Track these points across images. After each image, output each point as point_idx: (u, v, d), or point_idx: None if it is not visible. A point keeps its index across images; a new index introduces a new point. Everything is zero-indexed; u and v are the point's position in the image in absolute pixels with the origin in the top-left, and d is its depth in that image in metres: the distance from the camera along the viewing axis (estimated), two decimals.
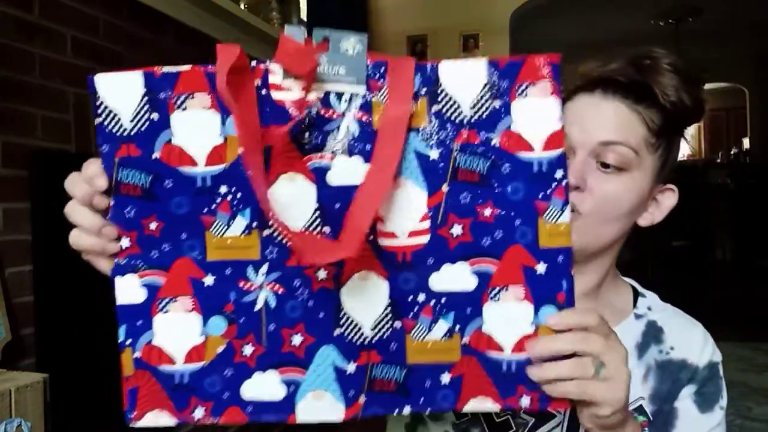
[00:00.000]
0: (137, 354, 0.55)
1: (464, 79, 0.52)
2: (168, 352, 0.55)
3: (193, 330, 0.54)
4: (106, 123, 0.54)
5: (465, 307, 0.53)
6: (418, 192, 0.53)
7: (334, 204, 0.52)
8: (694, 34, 6.13)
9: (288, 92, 0.52)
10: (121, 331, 0.55)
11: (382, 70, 0.52)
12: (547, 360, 0.52)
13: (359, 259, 0.52)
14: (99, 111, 0.54)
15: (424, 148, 0.52)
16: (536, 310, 0.53)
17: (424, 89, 0.52)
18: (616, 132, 0.69)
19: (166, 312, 0.54)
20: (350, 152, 0.52)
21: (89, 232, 0.54)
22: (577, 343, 0.52)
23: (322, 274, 0.53)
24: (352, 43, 0.51)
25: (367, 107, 0.52)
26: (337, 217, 0.52)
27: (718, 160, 8.09)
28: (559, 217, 0.52)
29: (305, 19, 3.71)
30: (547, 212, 0.52)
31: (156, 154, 0.53)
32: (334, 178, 0.52)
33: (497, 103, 0.52)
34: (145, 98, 0.53)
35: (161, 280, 0.54)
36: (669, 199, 0.75)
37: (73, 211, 0.55)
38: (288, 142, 0.52)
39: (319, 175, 0.52)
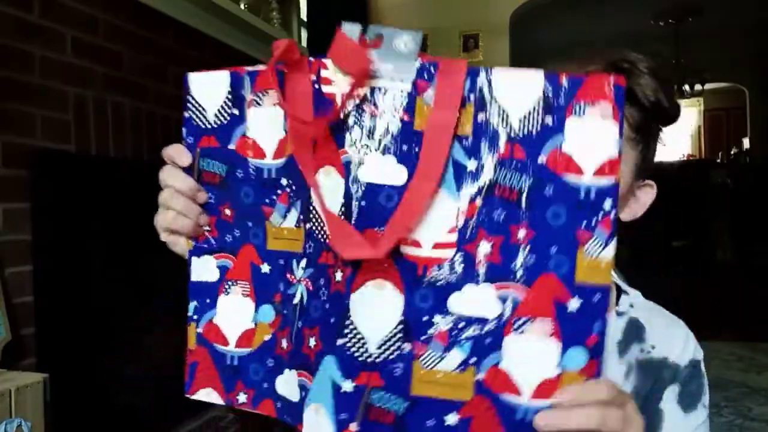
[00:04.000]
0: (200, 329, 0.58)
1: (517, 89, 0.48)
2: (224, 333, 0.58)
3: (246, 315, 0.57)
4: (193, 117, 0.58)
5: (484, 337, 0.47)
6: (450, 202, 0.49)
7: (360, 201, 0.50)
8: (694, 34, 6.13)
9: (337, 86, 0.52)
10: (191, 307, 0.59)
11: (432, 71, 0.49)
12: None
13: (377, 265, 0.49)
14: (188, 105, 0.58)
15: (462, 156, 0.49)
16: (563, 351, 0.46)
17: (472, 95, 0.49)
18: None
19: (228, 294, 0.58)
20: (385, 151, 0.50)
21: (186, 216, 0.58)
22: (595, 420, 0.46)
23: (338, 275, 0.51)
24: (404, 41, 0.50)
25: (410, 107, 0.50)
26: (360, 214, 0.50)
27: (718, 160, 8.10)
28: (601, 251, 0.46)
29: (305, 19, 3.71)
30: (589, 244, 0.46)
31: (232, 146, 0.57)
32: (364, 175, 0.50)
33: (549, 119, 0.47)
34: (229, 95, 0.56)
35: (230, 263, 0.58)
36: (648, 194, 0.76)
37: (173, 197, 0.58)
38: (328, 134, 0.51)
39: (349, 170, 0.51)
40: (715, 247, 5.89)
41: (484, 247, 0.48)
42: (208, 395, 0.58)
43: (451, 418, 0.48)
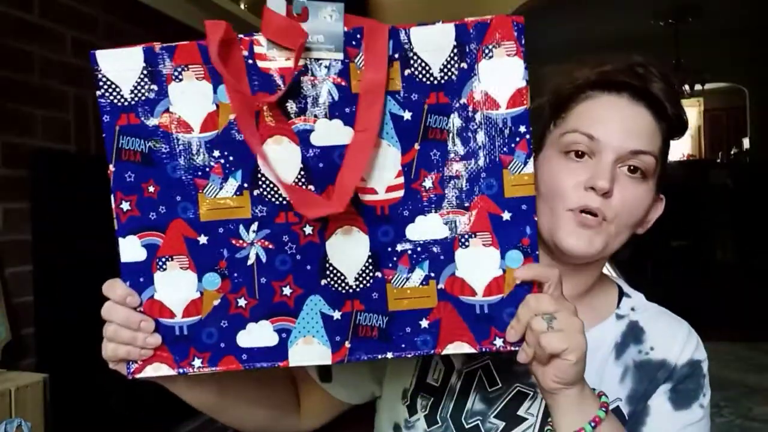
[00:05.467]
0: (140, 309, 0.59)
1: (434, 43, 0.56)
2: (168, 306, 0.59)
3: (189, 286, 0.59)
4: (107, 95, 0.58)
5: (439, 255, 0.58)
6: (393, 151, 0.57)
7: (317, 163, 0.57)
8: (694, 34, 6.13)
9: (272, 62, 0.56)
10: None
11: (358, 37, 0.56)
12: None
13: (343, 214, 0.56)
14: (100, 84, 0.58)
15: (398, 109, 0.57)
16: (503, 254, 0.58)
17: (397, 54, 0.56)
18: (647, 141, 0.69)
19: (164, 270, 0.59)
20: (331, 115, 0.56)
21: (133, 345, 0.58)
22: (528, 307, 0.56)
23: (308, 229, 0.58)
24: (329, 12, 0.55)
25: (345, 73, 0.56)
26: (320, 175, 0.57)
27: (718, 160, 8.09)
28: (522, 168, 0.57)
29: None
30: (512, 164, 0.57)
31: (155, 122, 0.57)
32: (317, 140, 0.56)
33: (465, 65, 0.56)
34: (145, 71, 0.57)
35: (159, 241, 0.59)
36: (658, 209, 0.75)
37: (116, 331, 0.58)
38: (275, 107, 0.56)
39: (303, 137, 0.57)
40: (715, 247, 5.89)
41: (427, 183, 0.58)
42: (156, 369, 0.59)
43: (424, 323, 0.59)
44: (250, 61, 0.56)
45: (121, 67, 0.57)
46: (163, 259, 0.59)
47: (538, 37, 5.72)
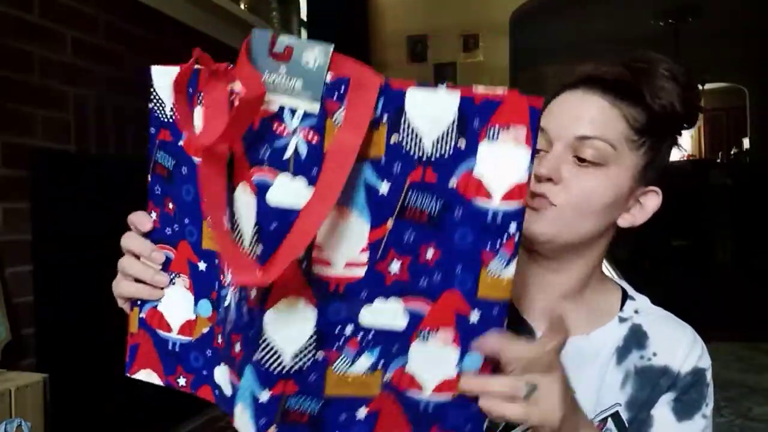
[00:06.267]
0: (142, 315, 0.60)
1: (431, 111, 0.48)
2: (167, 319, 0.60)
3: (188, 306, 0.59)
4: (155, 108, 0.59)
5: (392, 344, 0.51)
6: (361, 223, 0.50)
7: (270, 223, 0.49)
8: (694, 34, 6.13)
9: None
10: None
11: (342, 90, 0.48)
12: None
13: (289, 284, 0.49)
14: (151, 97, 0.59)
15: (375, 180, 0.49)
16: (462, 356, 0.50)
17: (386, 116, 0.48)
18: (594, 127, 0.68)
19: (173, 284, 0.59)
20: (295, 172, 0.48)
21: (141, 282, 0.60)
22: (507, 379, 0.51)
23: (252, 292, 0.51)
24: (314, 55, 0.47)
25: (319, 128, 0.48)
26: (271, 237, 0.49)
27: (718, 160, 8.09)
28: (503, 271, 0.49)
29: (305, 18, 3.71)
30: (492, 263, 0.49)
31: (181, 142, 0.57)
32: (273, 197, 0.49)
33: (463, 143, 0.48)
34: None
35: (172, 255, 0.59)
36: (652, 201, 0.73)
37: (130, 262, 0.60)
38: (242, 151, 0.50)
39: (261, 190, 0.49)
40: (715, 247, 5.89)
41: (394, 266, 0.50)
42: (149, 375, 0.61)
43: (361, 412, 0.52)
44: (231, 97, 0.51)
45: (167, 83, 0.57)
46: (174, 275, 0.59)
47: (538, 37, 5.73)
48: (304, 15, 3.71)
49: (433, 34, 4.30)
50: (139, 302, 0.61)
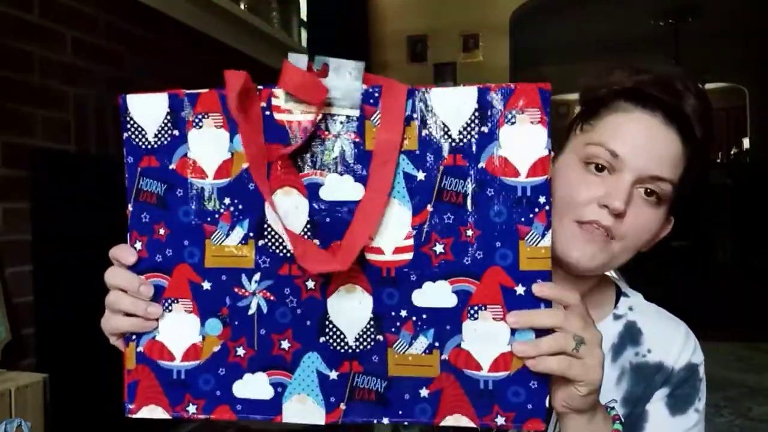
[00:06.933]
0: (140, 348, 0.59)
1: (454, 105, 0.55)
2: (169, 348, 0.59)
3: (192, 330, 0.59)
4: (133, 137, 0.60)
5: (445, 324, 0.55)
6: (404, 211, 0.56)
7: (325, 218, 0.56)
8: (694, 34, 6.13)
9: (289, 114, 0.56)
10: None
11: (376, 96, 0.55)
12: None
13: (346, 272, 0.55)
14: (127, 126, 0.60)
15: (412, 169, 0.55)
16: (513, 330, 0.54)
17: (415, 114, 0.55)
18: (670, 170, 0.67)
19: (170, 311, 0.59)
20: (342, 171, 0.56)
21: (133, 315, 0.58)
22: (557, 319, 0.53)
23: (310, 283, 0.57)
24: (349, 70, 0.55)
25: (360, 130, 0.56)
26: (326, 230, 0.56)
27: (718, 160, 8.09)
28: (539, 241, 0.54)
29: (305, 18, 3.71)
30: (529, 236, 0.54)
31: (172, 166, 0.59)
32: (326, 194, 0.56)
33: (485, 129, 0.54)
34: (169, 116, 0.59)
35: (165, 282, 0.59)
36: (666, 230, 0.74)
37: (119, 298, 0.59)
38: (287, 159, 0.56)
39: (312, 191, 0.56)
40: (714, 247, 5.89)
41: (438, 248, 0.55)
42: (152, 411, 0.60)
43: (424, 392, 0.56)
44: (267, 113, 0.56)
45: (147, 111, 0.59)
46: (169, 301, 0.59)
47: (538, 37, 5.73)
48: (304, 15, 3.71)
49: (433, 34, 4.31)
50: (134, 336, 0.60)
